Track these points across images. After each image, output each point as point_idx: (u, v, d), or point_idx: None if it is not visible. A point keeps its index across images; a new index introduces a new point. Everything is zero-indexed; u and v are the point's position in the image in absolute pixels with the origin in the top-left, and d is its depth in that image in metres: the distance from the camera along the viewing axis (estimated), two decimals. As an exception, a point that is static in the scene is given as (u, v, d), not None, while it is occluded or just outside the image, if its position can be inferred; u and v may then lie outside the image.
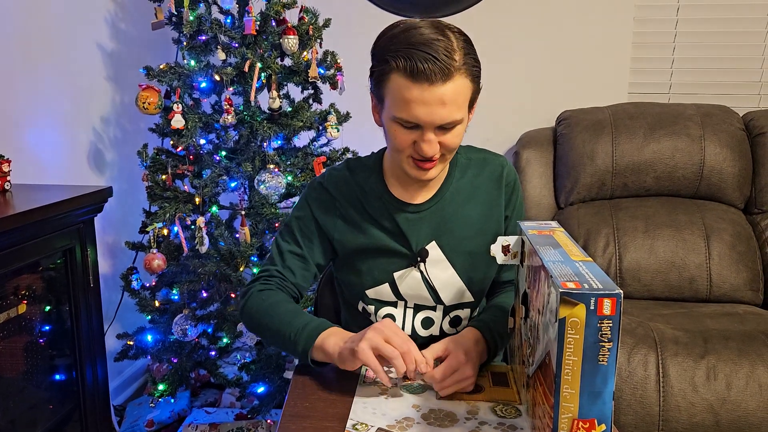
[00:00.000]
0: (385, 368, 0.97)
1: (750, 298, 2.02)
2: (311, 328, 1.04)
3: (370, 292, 1.19)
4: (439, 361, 1.00)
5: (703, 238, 2.05)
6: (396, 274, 1.16)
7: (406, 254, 1.16)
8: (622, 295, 0.69)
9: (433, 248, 1.15)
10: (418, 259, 1.15)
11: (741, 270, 2.02)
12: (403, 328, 1.20)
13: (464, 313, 1.20)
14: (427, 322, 1.20)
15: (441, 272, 1.16)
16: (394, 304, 1.19)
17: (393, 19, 2.66)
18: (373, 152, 1.23)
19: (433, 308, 1.19)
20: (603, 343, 0.69)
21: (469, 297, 1.19)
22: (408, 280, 1.16)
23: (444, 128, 1.01)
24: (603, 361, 0.70)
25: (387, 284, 1.17)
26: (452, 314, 1.20)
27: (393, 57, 0.98)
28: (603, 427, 0.72)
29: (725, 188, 2.15)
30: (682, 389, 1.58)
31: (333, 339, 1.02)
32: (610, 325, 0.69)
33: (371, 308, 1.20)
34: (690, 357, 1.61)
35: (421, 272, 1.16)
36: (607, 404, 0.71)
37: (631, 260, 2.06)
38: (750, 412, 1.55)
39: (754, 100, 2.45)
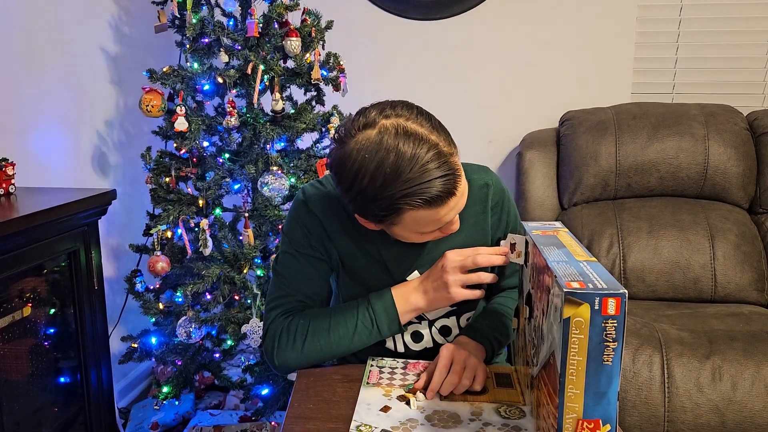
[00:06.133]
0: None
1: (755, 299, 2.01)
2: (380, 309, 1.06)
3: None
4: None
5: (707, 239, 2.04)
6: None
7: (389, 283, 1.12)
8: (627, 295, 0.69)
9: (414, 278, 1.12)
10: None
11: (746, 270, 2.01)
12: (395, 347, 1.17)
13: (450, 321, 1.17)
14: (417, 336, 1.17)
15: None
16: None
17: (396, 21, 2.66)
18: None
19: (419, 323, 1.17)
20: (608, 343, 0.69)
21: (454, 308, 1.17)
22: None
23: None
24: (608, 361, 0.70)
25: None
26: (438, 324, 1.17)
27: (404, 202, 0.88)
28: (608, 427, 0.72)
29: (730, 188, 2.15)
30: (687, 390, 1.58)
31: (413, 296, 1.06)
32: (615, 324, 0.69)
33: None
34: (695, 357, 1.61)
35: None
36: (611, 404, 0.71)
37: (635, 261, 2.05)
38: (756, 413, 1.54)
39: (757, 99, 2.44)
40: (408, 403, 0.97)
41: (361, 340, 1.07)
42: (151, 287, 2.02)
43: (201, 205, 1.90)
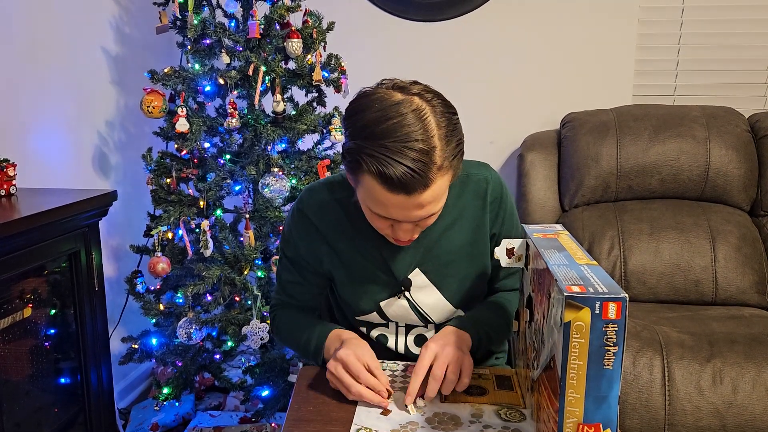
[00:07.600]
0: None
1: (756, 301, 2.00)
2: (318, 338, 1.11)
3: (360, 318, 1.18)
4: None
5: (708, 241, 2.04)
6: (382, 303, 1.14)
7: (390, 282, 1.13)
8: (628, 299, 0.68)
9: (416, 275, 1.12)
10: (402, 288, 1.13)
11: (747, 273, 2.01)
12: (396, 348, 1.18)
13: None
14: (421, 339, 1.18)
15: (427, 297, 1.14)
16: (386, 326, 1.18)
17: (397, 23, 2.67)
18: None
19: (425, 326, 1.18)
20: (608, 347, 0.69)
21: (460, 312, 1.17)
22: (395, 307, 1.15)
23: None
24: (608, 365, 0.69)
25: (374, 312, 1.16)
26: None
27: (366, 160, 0.88)
28: (608, 431, 0.71)
29: (731, 190, 2.14)
30: (687, 393, 1.57)
31: (334, 344, 1.07)
32: (616, 329, 0.68)
33: (363, 329, 1.20)
34: (696, 360, 1.60)
35: (408, 299, 1.14)
36: (612, 408, 0.71)
37: (636, 263, 2.05)
38: (757, 416, 1.54)
39: (759, 101, 2.44)
40: (406, 408, 0.97)
41: (305, 356, 1.16)
42: (152, 288, 2.02)
43: (202, 206, 1.90)
